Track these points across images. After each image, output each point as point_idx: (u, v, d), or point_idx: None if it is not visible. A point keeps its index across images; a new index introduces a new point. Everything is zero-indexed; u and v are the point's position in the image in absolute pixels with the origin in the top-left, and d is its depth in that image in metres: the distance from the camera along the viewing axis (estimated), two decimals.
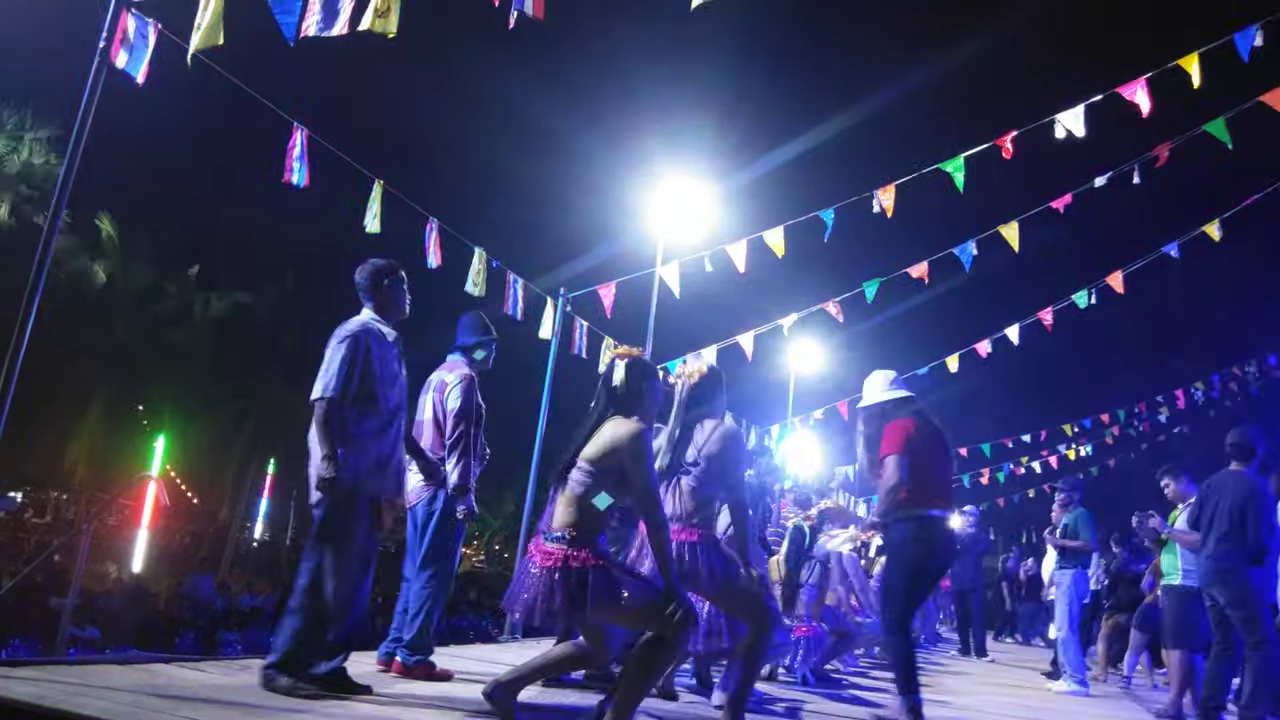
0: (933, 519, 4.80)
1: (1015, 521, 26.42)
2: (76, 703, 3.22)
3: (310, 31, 5.18)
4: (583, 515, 3.56)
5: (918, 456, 4.82)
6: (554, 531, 3.55)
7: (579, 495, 3.58)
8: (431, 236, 7.64)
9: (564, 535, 3.52)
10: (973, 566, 12.21)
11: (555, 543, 3.52)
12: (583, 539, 3.52)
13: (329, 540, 4.14)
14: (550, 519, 3.61)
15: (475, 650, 7.31)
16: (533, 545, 3.63)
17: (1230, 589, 5.85)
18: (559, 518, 3.58)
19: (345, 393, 4.15)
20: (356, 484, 4.14)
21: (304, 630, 4.05)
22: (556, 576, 3.45)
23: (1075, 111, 7.94)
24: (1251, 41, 7.36)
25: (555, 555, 3.48)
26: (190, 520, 30.15)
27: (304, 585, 4.11)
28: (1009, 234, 9.18)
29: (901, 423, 4.91)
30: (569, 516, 3.57)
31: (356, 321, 4.37)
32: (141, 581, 20.49)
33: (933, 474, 4.86)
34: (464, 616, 18.92)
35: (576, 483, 3.60)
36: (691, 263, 10.17)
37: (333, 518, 4.14)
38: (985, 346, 12.33)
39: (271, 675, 3.99)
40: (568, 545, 3.49)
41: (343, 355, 4.18)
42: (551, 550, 3.50)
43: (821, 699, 6.07)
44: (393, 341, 4.42)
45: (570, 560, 3.46)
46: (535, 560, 3.55)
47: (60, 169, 4.56)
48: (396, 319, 4.54)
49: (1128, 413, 17.61)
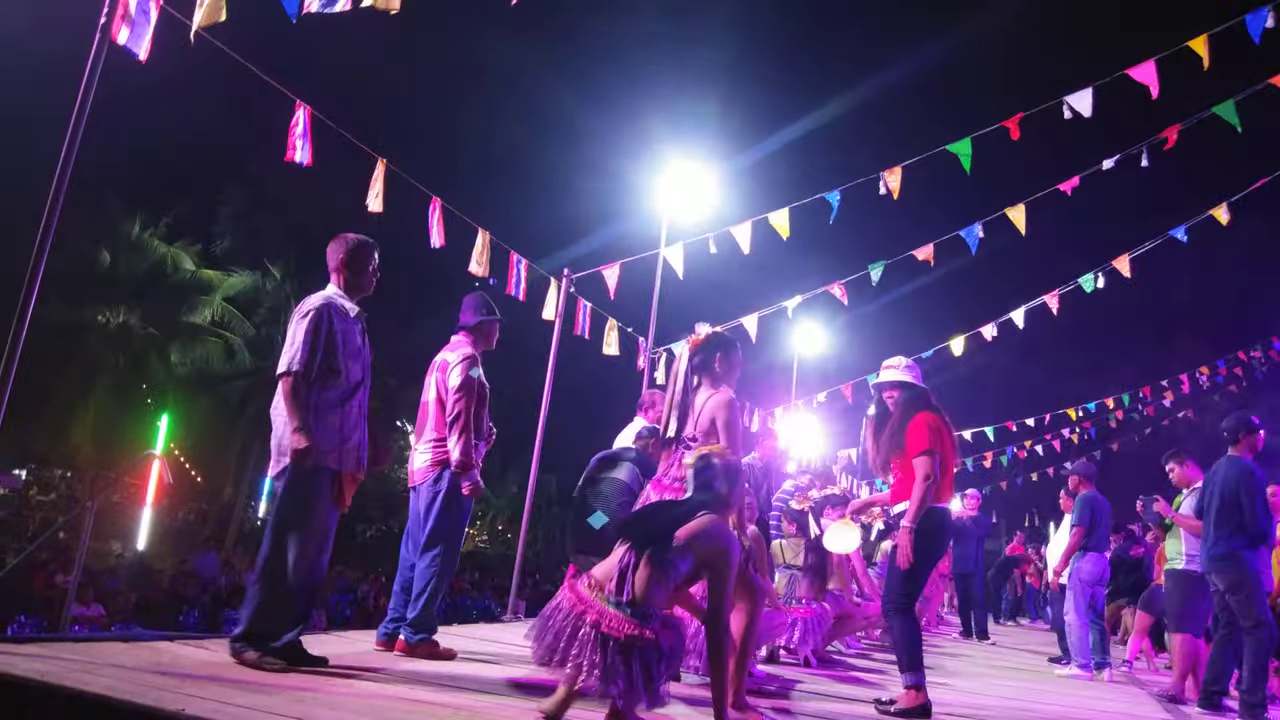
0: (936, 510, 4.87)
1: (1019, 504, 26.48)
2: (81, 680, 3.22)
3: (313, 8, 5.15)
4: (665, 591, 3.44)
5: (940, 452, 4.88)
6: (633, 603, 3.36)
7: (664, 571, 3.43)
8: (435, 216, 7.61)
9: (647, 611, 3.35)
10: (975, 549, 12.22)
11: (636, 618, 3.33)
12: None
13: (290, 512, 4.17)
14: (625, 585, 3.39)
15: (479, 630, 7.34)
16: (583, 600, 3.40)
17: (1227, 573, 5.91)
18: (640, 588, 3.37)
19: (310, 366, 4.16)
20: (317, 457, 4.15)
21: (267, 602, 4.09)
22: (616, 653, 3.26)
23: (1083, 93, 7.88)
24: (1264, 23, 7.30)
25: (636, 632, 3.30)
26: (194, 498, 30.26)
27: (265, 556, 4.14)
28: (1016, 217, 9.14)
29: (928, 419, 4.95)
30: (651, 590, 3.39)
31: (319, 296, 4.39)
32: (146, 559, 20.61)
33: (944, 471, 4.92)
34: (466, 596, 19.02)
35: (664, 560, 3.45)
36: (696, 244, 10.14)
37: (294, 490, 4.16)
38: (990, 329, 12.30)
39: (239, 648, 4.03)
40: (648, 623, 3.33)
41: (305, 329, 4.20)
42: (628, 624, 3.31)
43: (823, 680, 6.09)
44: (355, 317, 4.42)
45: (659, 640, 3.32)
46: (587, 619, 3.34)
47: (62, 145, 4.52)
48: (360, 295, 4.54)
49: (1132, 397, 17.59)
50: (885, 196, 8.75)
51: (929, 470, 4.80)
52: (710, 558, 3.57)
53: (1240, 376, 16.64)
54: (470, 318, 5.41)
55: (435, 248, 7.65)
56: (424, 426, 5.27)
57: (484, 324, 5.41)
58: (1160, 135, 8.29)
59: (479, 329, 5.39)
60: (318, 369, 4.20)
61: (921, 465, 4.82)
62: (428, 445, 5.19)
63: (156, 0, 4.89)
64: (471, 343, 5.33)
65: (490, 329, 5.45)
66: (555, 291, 9.34)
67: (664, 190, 11.12)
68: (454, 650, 5.09)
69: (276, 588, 4.10)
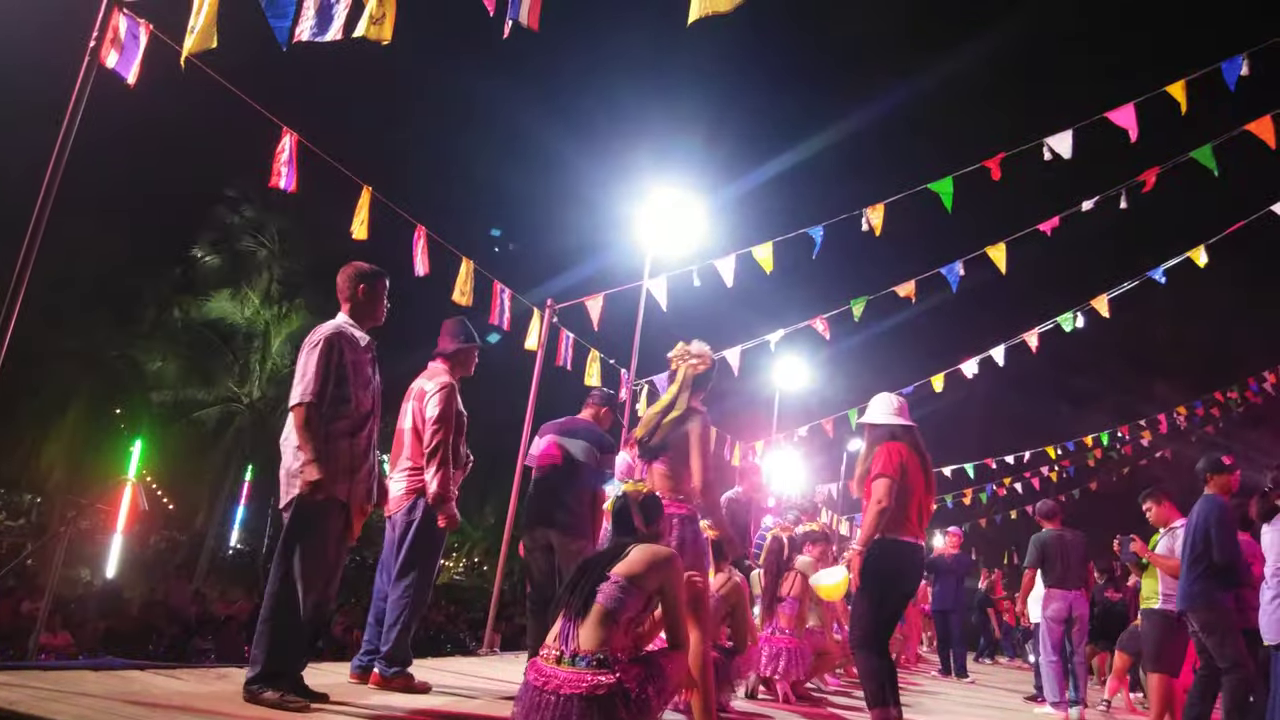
0: (902, 544, 4.86)
1: (997, 542, 26.51)
2: (50, 709, 3.16)
3: (304, 37, 5.15)
4: (619, 634, 3.39)
5: (903, 482, 4.87)
6: (587, 654, 3.29)
7: (610, 611, 3.39)
8: (419, 245, 7.61)
9: (604, 658, 3.28)
10: (954, 587, 12.22)
11: (594, 668, 3.26)
12: (625, 658, 3.35)
13: (298, 545, 4.08)
14: (570, 641, 3.35)
15: (453, 663, 7.25)
16: (542, 673, 3.33)
17: (1201, 613, 5.91)
18: (588, 639, 3.32)
19: (323, 396, 4.12)
20: (330, 487, 4.09)
21: (280, 639, 3.98)
22: (584, 707, 3.20)
23: (1064, 135, 8.00)
24: (1238, 71, 7.44)
25: (596, 682, 3.24)
26: (166, 526, 29.85)
27: (273, 592, 4.04)
28: (996, 255, 9.24)
29: (896, 446, 4.97)
30: (601, 636, 3.34)
31: (329, 325, 4.34)
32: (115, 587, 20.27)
33: (911, 502, 4.91)
34: (441, 629, 18.80)
35: (609, 598, 3.40)
36: (679, 276, 10.17)
37: (302, 522, 4.08)
38: (970, 366, 12.37)
39: (257, 689, 3.90)
40: (610, 669, 3.27)
41: (317, 359, 4.15)
42: (587, 676, 3.25)
43: (801, 718, 6.04)
44: (365, 346, 4.39)
45: (623, 683, 3.25)
46: (553, 688, 3.26)
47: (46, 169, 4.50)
48: (371, 325, 4.51)
49: (1110, 435, 17.71)
50: (868, 233, 8.83)
51: (882, 494, 4.79)
52: (651, 581, 3.51)
53: (1217, 417, 16.81)
54: (449, 344, 5.37)
55: (419, 276, 7.65)
56: (399, 455, 5.21)
57: (462, 351, 5.37)
58: (1139, 178, 8.41)
59: (457, 356, 5.35)
60: (329, 399, 4.15)
61: (876, 488, 4.82)
62: (403, 474, 5.14)
63: (146, 25, 4.89)
64: (449, 370, 5.29)
65: (469, 356, 5.40)
66: (538, 322, 9.33)
67: (648, 223, 11.16)
68: (429, 684, 5.02)
69: (287, 624, 4.00)
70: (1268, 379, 15.79)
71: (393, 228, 7.42)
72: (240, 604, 17.88)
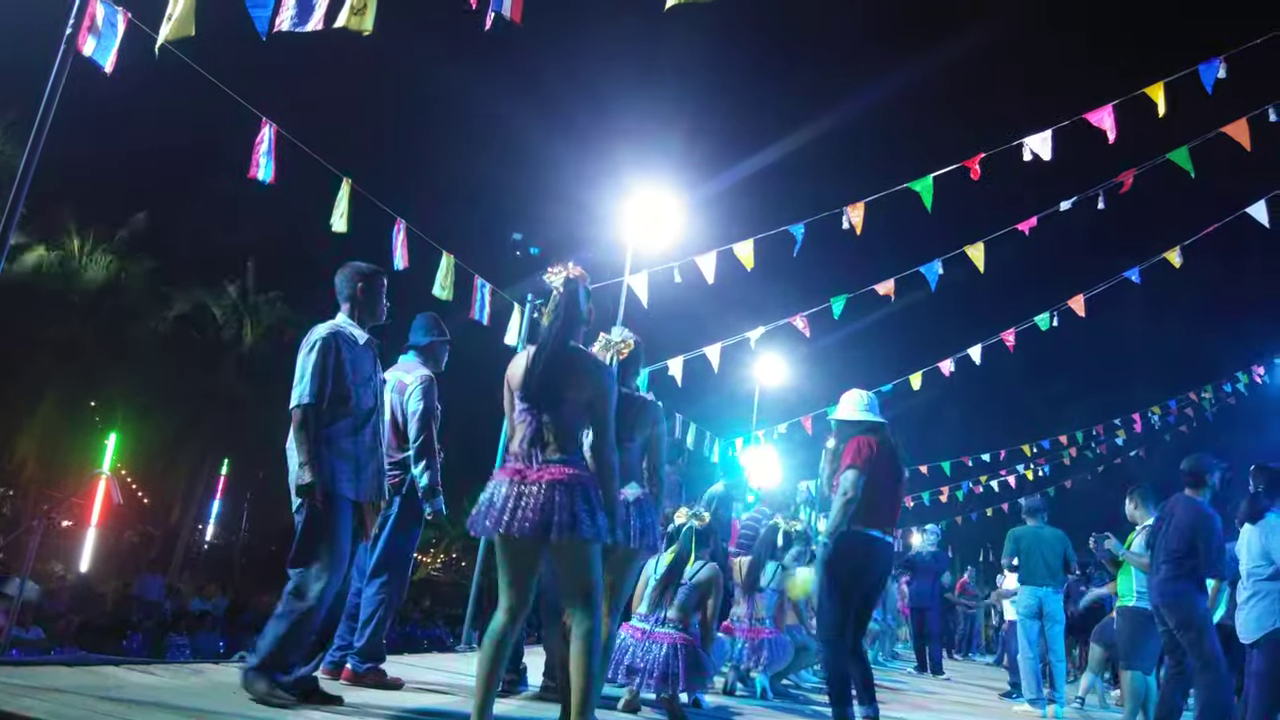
0: (869, 538, 4.90)
1: (974, 540, 26.70)
2: (22, 705, 3.12)
3: (284, 26, 5.11)
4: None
5: (871, 476, 4.90)
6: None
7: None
8: (399, 238, 7.56)
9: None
10: (931, 584, 12.28)
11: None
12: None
13: (311, 546, 4.05)
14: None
15: (431, 659, 7.22)
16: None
17: (1178, 612, 5.94)
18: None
19: (321, 397, 4.09)
20: (334, 486, 4.08)
21: (288, 635, 3.95)
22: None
23: (1043, 136, 8.06)
24: (1215, 74, 7.52)
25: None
26: (140, 520, 29.57)
27: (290, 590, 4.01)
28: (974, 254, 9.29)
29: (865, 440, 5.01)
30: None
31: (327, 326, 4.31)
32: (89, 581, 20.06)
33: (880, 495, 4.94)
34: (417, 625, 18.73)
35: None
36: (660, 273, 10.17)
37: (313, 523, 4.06)
38: (948, 365, 12.45)
39: (251, 678, 3.90)
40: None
41: (314, 360, 4.12)
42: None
43: (779, 713, 6.06)
44: (365, 345, 4.36)
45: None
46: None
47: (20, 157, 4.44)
48: (371, 323, 4.47)
49: (1085, 434, 17.87)
50: (848, 231, 8.86)
51: (848, 486, 4.83)
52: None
53: (1191, 417, 16.99)
54: (421, 338, 5.36)
55: (399, 270, 7.60)
56: None
57: (434, 345, 5.36)
58: (1117, 179, 8.48)
59: (429, 350, 5.34)
60: (329, 399, 4.12)
61: (843, 480, 4.87)
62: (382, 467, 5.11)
63: (125, 13, 4.84)
64: (422, 363, 5.28)
65: (440, 350, 5.40)
66: (519, 317, 9.31)
67: (629, 219, 11.13)
68: (401, 679, 5.00)
69: (295, 621, 3.97)
70: (1241, 380, 15.97)
71: (372, 221, 7.38)
72: (215, 599, 17.76)
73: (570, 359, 3.62)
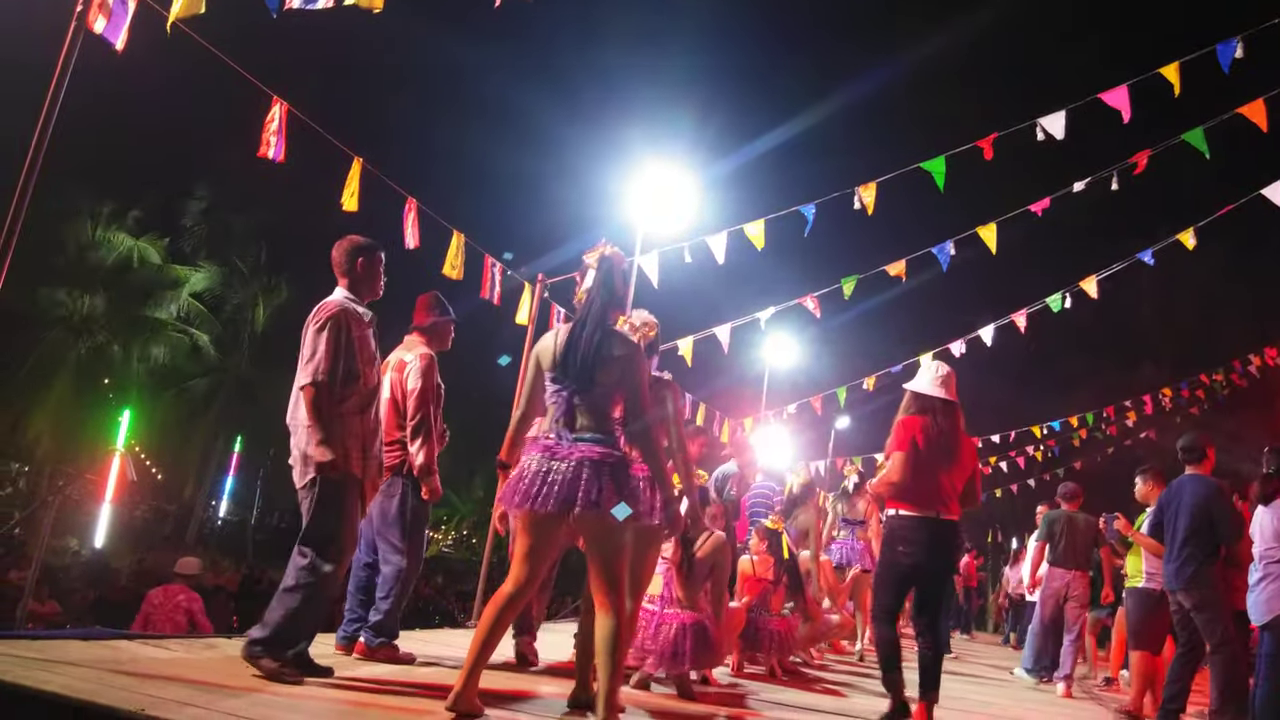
0: (905, 519, 4.88)
1: (983, 520, 26.68)
2: (37, 678, 3.15)
3: (295, 4, 5.10)
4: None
5: (920, 458, 4.84)
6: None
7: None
8: (410, 217, 7.55)
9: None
10: None
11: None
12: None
13: (322, 522, 4.07)
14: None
15: (442, 635, 7.28)
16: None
17: (1195, 591, 5.90)
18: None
19: (334, 376, 4.09)
20: (345, 464, 4.10)
21: (299, 610, 3.96)
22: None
23: (1057, 116, 7.99)
24: (1232, 53, 7.43)
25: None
26: (154, 496, 29.82)
27: (304, 566, 4.01)
28: (987, 235, 9.24)
29: (913, 420, 4.94)
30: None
31: (333, 302, 4.28)
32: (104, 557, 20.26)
33: (932, 478, 4.85)
34: (430, 601, 18.86)
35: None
36: (670, 253, 10.14)
37: (325, 500, 4.07)
38: (959, 346, 12.41)
39: (257, 652, 3.89)
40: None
41: (327, 338, 4.11)
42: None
43: (791, 690, 6.09)
44: (368, 321, 4.36)
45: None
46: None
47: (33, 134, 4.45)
48: (371, 298, 4.47)
49: (1095, 416, 17.80)
50: (859, 211, 8.81)
51: (891, 470, 4.85)
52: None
53: (1202, 399, 16.91)
54: (424, 318, 5.34)
55: (409, 249, 7.60)
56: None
57: (438, 324, 5.33)
58: (1131, 159, 8.41)
59: (433, 329, 5.32)
60: (341, 377, 4.12)
61: (890, 463, 4.90)
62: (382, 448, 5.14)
63: None
64: (426, 343, 5.26)
65: (444, 329, 5.37)
66: (529, 296, 9.30)
67: (639, 198, 11.08)
68: (413, 655, 5.05)
69: (308, 596, 3.99)
70: (1253, 361, 15.88)
71: (383, 200, 7.37)
72: (229, 575, 17.91)
73: (608, 338, 3.63)
